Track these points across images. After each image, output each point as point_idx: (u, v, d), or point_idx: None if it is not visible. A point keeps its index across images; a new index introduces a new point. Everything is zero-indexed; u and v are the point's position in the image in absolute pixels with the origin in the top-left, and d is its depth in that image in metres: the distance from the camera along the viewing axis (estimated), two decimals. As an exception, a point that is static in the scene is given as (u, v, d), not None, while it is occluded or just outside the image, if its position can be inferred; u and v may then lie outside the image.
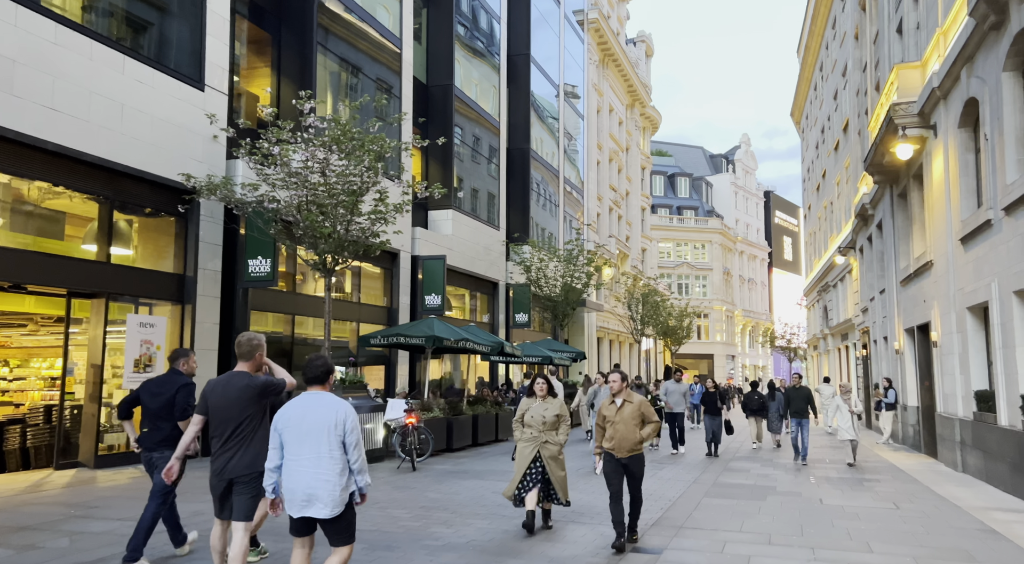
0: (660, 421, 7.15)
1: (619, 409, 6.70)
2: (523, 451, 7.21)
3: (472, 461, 12.95)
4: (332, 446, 4.26)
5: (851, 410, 13.34)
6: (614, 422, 6.66)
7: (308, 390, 4.43)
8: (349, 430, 4.31)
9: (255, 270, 12.48)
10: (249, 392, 4.84)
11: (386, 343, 13.86)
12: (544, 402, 7.32)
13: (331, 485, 4.22)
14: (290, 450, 4.30)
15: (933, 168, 13.85)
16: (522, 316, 24.62)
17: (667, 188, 68.27)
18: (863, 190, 22.18)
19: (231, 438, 4.85)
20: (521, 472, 7.12)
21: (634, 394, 6.84)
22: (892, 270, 18.64)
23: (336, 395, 4.47)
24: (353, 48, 17.04)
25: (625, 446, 6.59)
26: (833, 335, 33.37)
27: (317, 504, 4.22)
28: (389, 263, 18.10)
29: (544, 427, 7.21)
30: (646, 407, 6.76)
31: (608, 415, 6.75)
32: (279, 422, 4.35)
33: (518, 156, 27.25)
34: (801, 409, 13.82)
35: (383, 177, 12.06)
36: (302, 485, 4.24)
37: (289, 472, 4.29)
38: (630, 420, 6.62)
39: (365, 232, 11.96)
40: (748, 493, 9.94)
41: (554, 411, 7.29)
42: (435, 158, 21.26)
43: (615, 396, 6.83)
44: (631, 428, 6.60)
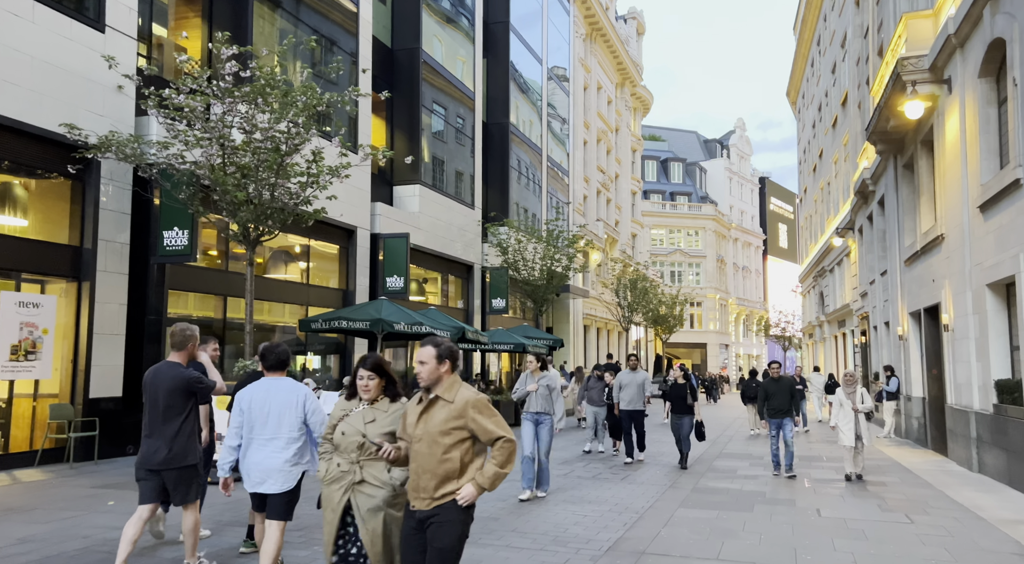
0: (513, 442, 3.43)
1: (422, 414, 3.43)
2: (330, 498, 3.87)
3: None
4: (292, 427, 4.51)
5: (855, 408, 10.05)
6: (413, 441, 3.46)
7: (267, 375, 4.65)
8: (311, 411, 4.56)
9: (170, 243, 10.85)
10: (177, 383, 4.91)
11: (328, 328, 12.27)
12: (372, 408, 3.84)
13: (286, 463, 4.48)
14: (253, 430, 4.52)
15: (946, 129, 12.26)
16: (499, 302, 23.03)
17: (660, 173, 66.60)
18: (863, 165, 20.60)
19: (158, 427, 4.90)
20: (331, 540, 3.86)
21: (462, 390, 3.46)
22: (895, 249, 17.09)
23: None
24: (302, 3, 15.33)
25: (425, 487, 3.36)
26: (830, 322, 31.89)
27: (269, 481, 4.47)
28: (344, 241, 16.47)
29: (361, 455, 3.80)
30: (478, 412, 3.40)
31: (408, 427, 3.51)
32: (242, 403, 4.54)
33: (496, 132, 25.57)
34: (782, 407, 10.57)
35: (315, 135, 10.42)
36: (259, 463, 4.47)
37: (250, 452, 4.52)
38: (439, 437, 3.36)
39: (294, 198, 10.33)
40: (732, 502, 8.39)
41: (384, 425, 3.79)
42: (401, 129, 19.60)
43: (427, 390, 3.50)
44: (435, 453, 3.36)
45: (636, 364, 11.90)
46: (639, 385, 11.68)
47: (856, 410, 10.06)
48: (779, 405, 10.59)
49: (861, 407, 10.06)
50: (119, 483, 8.66)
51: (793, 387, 10.68)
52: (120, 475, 9.21)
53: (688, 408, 11.26)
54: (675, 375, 11.57)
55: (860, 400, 10.12)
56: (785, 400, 10.58)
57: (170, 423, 4.85)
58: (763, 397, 10.72)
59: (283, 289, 14.53)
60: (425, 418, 3.40)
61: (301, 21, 15.34)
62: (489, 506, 7.81)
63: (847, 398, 10.15)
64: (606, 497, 8.52)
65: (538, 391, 8.43)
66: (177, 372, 4.91)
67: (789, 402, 10.59)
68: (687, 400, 11.27)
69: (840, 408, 10.24)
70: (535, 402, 8.44)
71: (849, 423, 10.07)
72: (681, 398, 11.35)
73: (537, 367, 8.51)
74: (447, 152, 21.68)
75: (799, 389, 19.96)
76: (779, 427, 10.59)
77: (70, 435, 9.60)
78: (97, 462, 10.02)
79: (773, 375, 10.82)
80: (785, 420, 10.59)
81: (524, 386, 8.57)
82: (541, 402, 8.39)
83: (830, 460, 12.29)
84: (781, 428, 10.58)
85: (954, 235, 11.97)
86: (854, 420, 10.08)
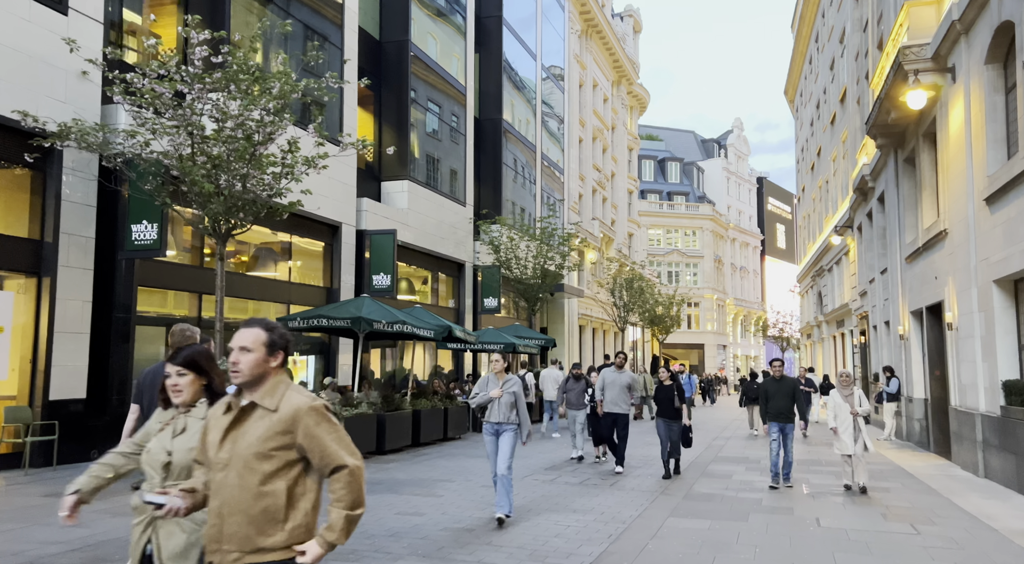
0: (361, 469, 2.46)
1: (230, 430, 2.41)
2: (132, 536, 2.86)
3: (402, 467, 10.88)
4: None
5: (854, 411, 9.00)
6: (215, 468, 2.41)
7: None
8: None
9: (139, 237, 10.34)
10: None
11: (307, 326, 11.77)
12: (188, 416, 2.87)
13: None
14: None
15: (950, 119, 11.78)
16: (491, 301, 22.53)
17: (657, 173, 66.14)
18: (862, 161, 20.15)
19: None
20: None
21: (291, 393, 2.49)
22: (896, 246, 16.61)
23: None
24: (284, -10, 14.84)
25: (231, 536, 2.33)
26: (828, 322, 31.43)
27: None
28: (329, 237, 15.97)
29: (169, 478, 2.77)
30: (315, 423, 2.39)
31: (209, 449, 2.46)
32: None
33: (489, 128, 25.09)
34: (784, 409, 9.45)
35: (289, 123, 9.92)
36: None
37: None
38: (255, 461, 2.34)
39: (267, 189, 9.83)
40: (726, 510, 7.90)
41: (187, 444, 2.78)
42: (389, 124, 19.11)
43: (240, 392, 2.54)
44: (249, 484, 2.33)
45: (623, 363, 10.82)
46: (623, 386, 10.60)
47: (855, 414, 8.99)
48: (781, 408, 9.46)
49: (860, 410, 9.00)
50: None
51: (797, 389, 9.57)
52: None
53: (676, 412, 10.09)
54: (661, 375, 10.28)
55: (858, 402, 9.06)
56: (787, 403, 9.45)
57: None
58: (763, 398, 9.59)
59: (264, 287, 14.03)
60: (235, 435, 2.37)
61: (284, 11, 14.84)
62: (465, 516, 7.31)
63: (844, 400, 9.07)
64: (592, 506, 8.03)
65: (502, 399, 7.24)
66: None
67: (792, 405, 9.46)
68: (674, 403, 10.07)
69: (836, 412, 9.19)
70: (497, 411, 7.23)
71: (847, 428, 9.01)
72: (668, 401, 10.13)
73: (502, 368, 7.33)
74: (438, 148, 21.19)
75: (805, 391, 18.78)
76: (781, 432, 9.49)
77: (26, 440, 9.09)
78: (56, 468, 9.50)
79: (775, 374, 9.70)
80: (788, 426, 9.49)
81: (486, 391, 7.32)
82: (505, 411, 7.22)
83: (829, 464, 11.79)
84: (783, 434, 9.51)
85: (958, 230, 11.49)
86: (853, 425, 9.02)
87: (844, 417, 9.06)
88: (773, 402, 9.54)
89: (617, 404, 10.55)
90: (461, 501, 8.10)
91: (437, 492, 8.62)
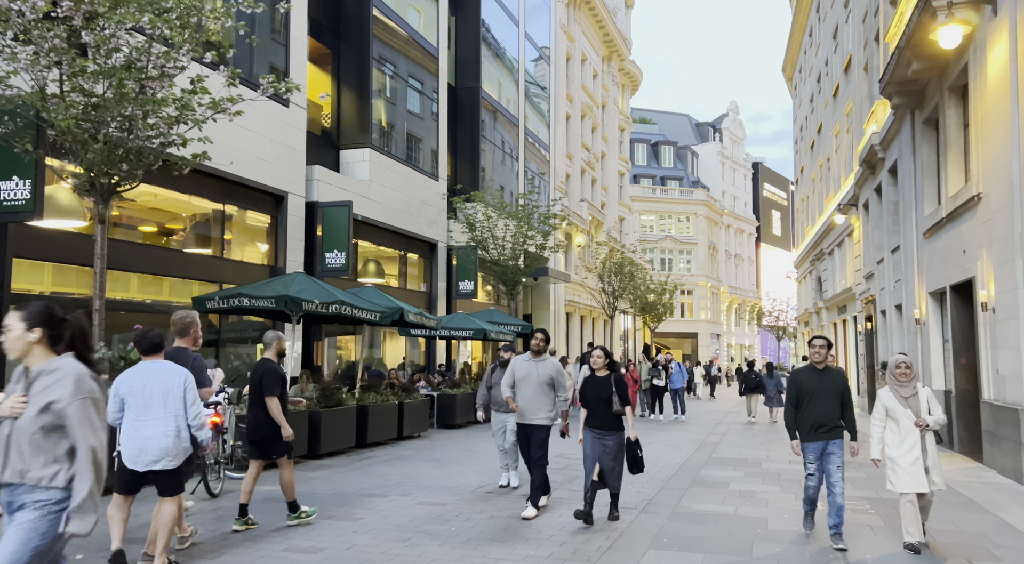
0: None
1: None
2: None
3: (331, 476, 9.08)
4: (177, 406, 4.83)
5: (920, 422, 5.64)
6: None
7: (144, 359, 4.96)
8: (189, 387, 4.90)
9: (8, 197, 8.47)
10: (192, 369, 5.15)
11: (226, 307, 9.93)
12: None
13: (172, 441, 4.78)
14: (134, 412, 4.80)
15: (988, 61, 9.98)
16: (467, 284, 20.70)
17: (650, 157, 64.30)
18: (871, 130, 18.35)
19: None
20: None
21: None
22: (911, 221, 14.86)
23: None
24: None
25: None
26: (828, 309, 29.74)
27: (165, 459, 4.76)
28: (273, 209, 14.10)
29: None
30: None
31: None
32: (121, 388, 4.84)
33: (466, 97, 23.17)
34: (828, 419, 5.90)
35: (187, 56, 8.04)
36: (155, 442, 4.73)
37: (133, 432, 4.76)
38: None
39: (162, 136, 7.96)
40: (721, 539, 6.13)
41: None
42: (350, 86, 17.19)
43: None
44: None
45: (544, 347, 7.15)
46: (542, 383, 6.92)
47: (922, 426, 5.61)
48: (823, 417, 5.88)
49: (930, 420, 5.64)
50: None
51: (846, 387, 6.01)
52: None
53: (614, 420, 6.52)
54: (594, 362, 6.68)
55: (925, 407, 5.71)
56: (833, 408, 5.90)
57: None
58: (793, 399, 6.02)
59: (188, 263, 12.17)
60: None
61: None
62: (375, 555, 5.53)
63: (901, 404, 5.71)
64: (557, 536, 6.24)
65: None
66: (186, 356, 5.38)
67: (839, 412, 5.92)
68: (612, 405, 6.48)
69: (889, 424, 5.79)
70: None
71: (909, 451, 5.59)
72: (601, 402, 6.51)
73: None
74: (406, 116, 19.29)
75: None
76: (822, 455, 5.92)
77: None
78: None
79: (815, 362, 6.03)
80: (833, 445, 5.87)
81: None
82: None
83: (849, 463, 10.03)
84: (825, 458, 5.90)
85: (998, 193, 9.72)
86: (920, 444, 5.60)
87: (904, 431, 5.67)
88: (813, 406, 5.91)
89: (532, 409, 6.93)
90: (381, 529, 6.32)
91: (358, 513, 6.83)
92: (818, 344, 6.05)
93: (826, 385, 5.96)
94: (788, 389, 6.14)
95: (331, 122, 17.18)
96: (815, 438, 5.92)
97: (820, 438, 5.91)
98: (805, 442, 5.97)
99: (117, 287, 10.91)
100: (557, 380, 7.01)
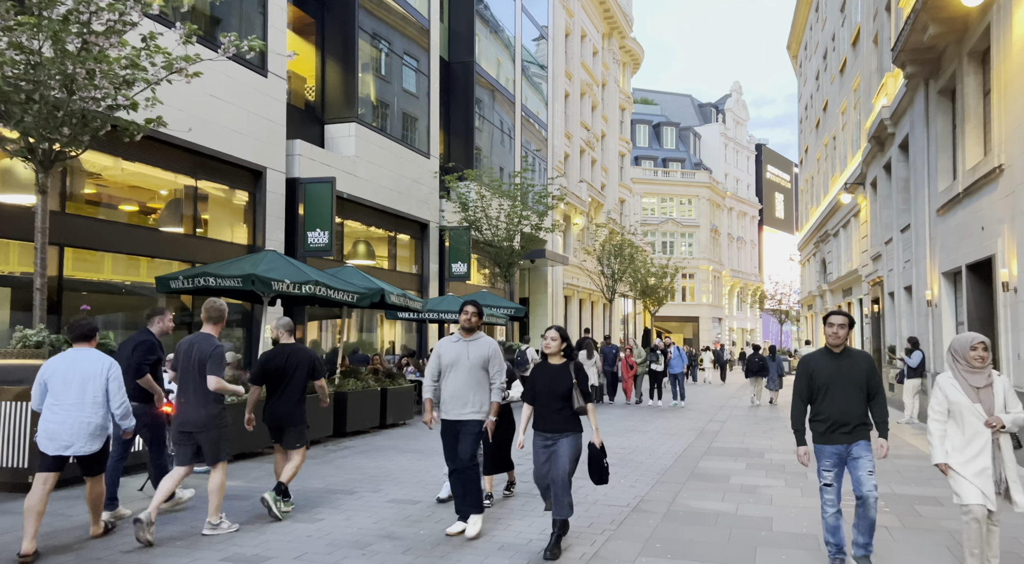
0: None
1: None
2: None
3: (303, 467, 8.44)
4: (96, 393, 4.96)
5: (992, 423, 4.23)
6: None
7: (74, 346, 5.12)
8: (112, 378, 5.03)
9: (-54, 167, 7.77)
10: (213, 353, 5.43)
11: (191, 286, 9.25)
12: None
13: (93, 426, 4.94)
14: (55, 397, 4.91)
15: (1014, 22, 9.21)
16: (460, 266, 20.01)
17: (652, 138, 63.28)
18: (881, 104, 17.56)
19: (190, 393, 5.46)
20: None
21: None
22: (923, 198, 14.13)
23: None
24: None
25: None
26: (833, 291, 29.04)
27: (78, 443, 4.90)
28: (251, 185, 13.39)
29: None
30: None
31: None
32: (45, 373, 4.98)
33: (460, 71, 22.34)
34: (852, 417, 4.67)
35: (137, 10, 7.31)
36: (66, 427, 4.87)
37: (52, 415, 4.89)
38: None
39: (108, 97, 7.24)
40: (721, 544, 5.48)
41: None
42: (335, 58, 16.40)
43: None
44: None
45: (476, 321, 5.61)
46: (474, 368, 5.48)
47: (994, 426, 4.23)
48: (845, 413, 4.66)
49: (1007, 419, 4.25)
50: None
51: (873, 372, 4.75)
52: None
53: (569, 419, 5.11)
54: (547, 345, 5.30)
55: (1002, 402, 4.31)
56: (857, 400, 4.68)
57: (197, 390, 5.41)
58: (803, 392, 4.80)
59: (159, 242, 11.48)
60: None
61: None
62: None
63: (970, 397, 4.33)
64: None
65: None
66: (211, 343, 5.47)
67: (865, 406, 4.71)
68: (573, 402, 5.09)
69: (948, 421, 4.45)
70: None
71: (976, 458, 4.28)
72: (557, 398, 5.12)
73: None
74: (396, 91, 18.50)
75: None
76: (842, 463, 4.71)
77: None
78: None
79: (831, 343, 4.79)
80: (858, 447, 4.66)
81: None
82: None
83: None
84: (851, 464, 4.68)
85: (1023, 163, 8.98)
86: (990, 450, 4.28)
87: (971, 435, 4.32)
88: (831, 400, 4.70)
89: (462, 402, 5.46)
90: (341, 533, 5.68)
91: (319, 514, 6.18)
92: (836, 322, 4.74)
93: (847, 372, 4.70)
94: (796, 380, 4.89)
95: (315, 95, 16.42)
96: (834, 440, 4.68)
97: (840, 440, 4.66)
98: (821, 445, 4.72)
99: (82, 267, 10.24)
100: (493, 363, 5.54)
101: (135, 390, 5.82)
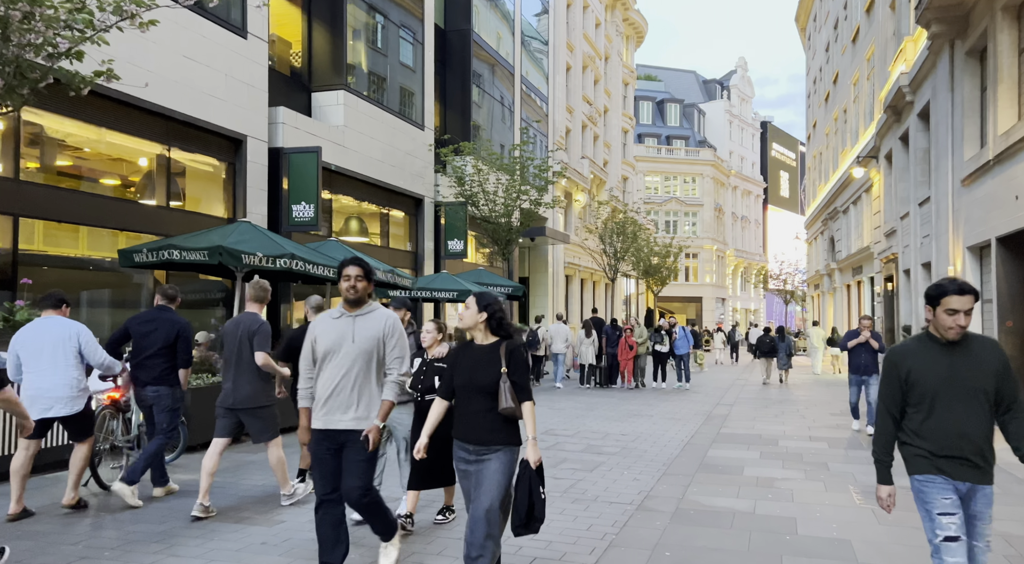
0: None
1: None
2: None
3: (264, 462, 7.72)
4: (68, 356, 5.18)
5: None
6: None
7: (42, 315, 5.37)
8: (84, 342, 5.27)
9: None
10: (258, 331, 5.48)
11: (156, 260, 8.49)
12: None
13: (70, 388, 5.17)
14: (29, 365, 5.15)
15: (1062, -36, 8.32)
16: (456, 243, 19.21)
17: (655, 115, 62.15)
18: (899, 71, 16.63)
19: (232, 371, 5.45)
20: None
21: None
22: (946, 168, 13.28)
23: None
24: None
25: None
26: (842, 270, 28.22)
27: (58, 406, 5.13)
28: (230, 155, 12.57)
29: None
30: None
31: None
32: (16, 344, 5.19)
33: (456, 40, 21.38)
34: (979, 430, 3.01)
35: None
36: (43, 391, 5.12)
37: (27, 382, 5.14)
38: None
39: (49, 44, 6.42)
40: (740, 552, 4.75)
41: None
42: (322, 22, 15.48)
43: None
44: None
45: (363, 288, 3.90)
46: (363, 355, 3.86)
47: None
48: (970, 435, 3.02)
49: None
50: None
51: (1008, 371, 3.03)
52: None
53: (500, 425, 3.53)
54: (463, 317, 3.70)
55: None
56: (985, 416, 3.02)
57: (245, 367, 5.41)
58: (895, 401, 3.14)
59: (128, 213, 10.68)
60: None
61: None
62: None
63: None
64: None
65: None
66: (257, 320, 5.52)
67: (993, 425, 3.07)
68: (503, 400, 3.47)
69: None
70: None
71: None
72: (480, 393, 3.54)
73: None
74: (388, 59, 17.59)
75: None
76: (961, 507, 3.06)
77: None
78: None
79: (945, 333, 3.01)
80: (982, 498, 3.05)
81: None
82: None
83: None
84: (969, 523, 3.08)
85: (1069, 123, 8.14)
86: None
87: None
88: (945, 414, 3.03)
89: (342, 402, 3.84)
90: (300, 539, 4.96)
91: (281, 515, 5.45)
92: (962, 307, 2.94)
93: (967, 373, 3.01)
94: (883, 384, 3.18)
95: (302, 62, 15.52)
96: (955, 473, 3.03)
97: (963, 476, 3.03)
98: (929, 475, 3.05)
99: (43, 240, 9.47)
100: (389, 346, 3.91)
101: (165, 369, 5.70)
